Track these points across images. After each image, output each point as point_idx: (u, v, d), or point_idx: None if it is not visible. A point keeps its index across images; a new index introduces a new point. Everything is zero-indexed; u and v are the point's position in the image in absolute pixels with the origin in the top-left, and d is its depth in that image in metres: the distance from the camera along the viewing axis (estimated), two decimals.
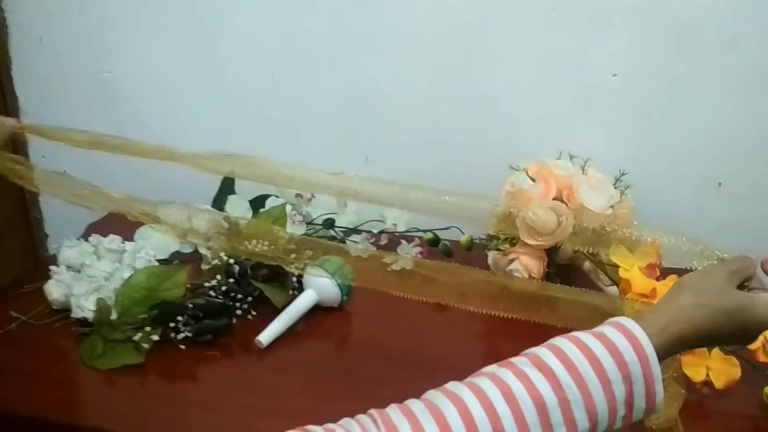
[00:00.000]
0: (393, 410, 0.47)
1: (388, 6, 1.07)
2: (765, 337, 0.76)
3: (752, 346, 0.76)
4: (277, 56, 1.14)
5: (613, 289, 0.92)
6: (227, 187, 1.15)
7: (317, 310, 0.93)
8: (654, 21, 0.99)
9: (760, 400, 0.77)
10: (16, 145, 1.29)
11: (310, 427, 0.45)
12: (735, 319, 0.51)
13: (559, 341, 0.48)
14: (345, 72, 1.12)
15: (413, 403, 0.47)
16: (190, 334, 0.85)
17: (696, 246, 0.63)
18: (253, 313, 0.92)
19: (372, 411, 0.48)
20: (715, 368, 0.77)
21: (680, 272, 0.81)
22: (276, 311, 0.90)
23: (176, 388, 0.81)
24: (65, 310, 0.89)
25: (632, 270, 0.84)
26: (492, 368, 0.48)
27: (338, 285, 0.93)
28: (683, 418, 0.73)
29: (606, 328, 0.49)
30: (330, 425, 0.46)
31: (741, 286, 0.55)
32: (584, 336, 0.48)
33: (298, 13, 1.10)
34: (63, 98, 1.24)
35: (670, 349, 0.50)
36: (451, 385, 0.48)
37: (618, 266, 0.86)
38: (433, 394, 0.48)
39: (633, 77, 1.02)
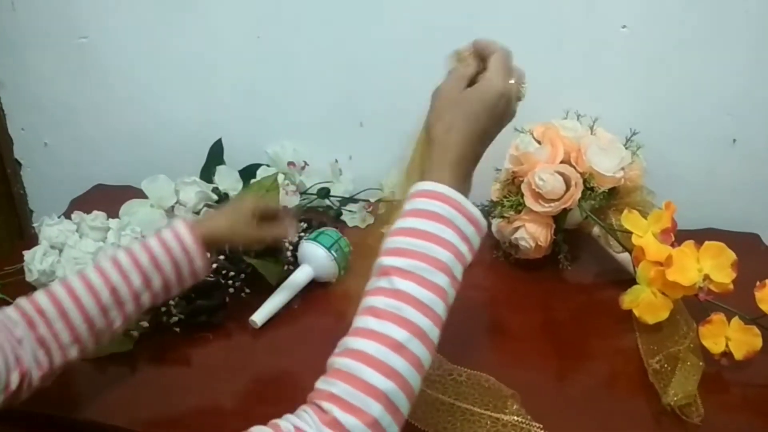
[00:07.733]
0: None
1: None
2: None
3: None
4: (263, 16, 1.07)
5: (625, 256, 0.88)
6: (216, 156, 1.10)
7: (314, 285, 0.90)
8: None
9: None
10: None
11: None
12: (480, 113, 0.57)
13: (383, 244, 0.55)
14: (337, 33, 1.05)
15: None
16: (182, 317, 0.81)
17: None
18: (247, 290, 0.88)
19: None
20: (735, 338, 0.74)
21: (696, 236, 0.78)
22: (270, 288, 0.87)
23: (168, 373, 0.77)
24: None
25: (646, 236, 0.80)
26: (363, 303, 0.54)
27: (335, 259, 0.88)
28: (701, 391, 0.70)
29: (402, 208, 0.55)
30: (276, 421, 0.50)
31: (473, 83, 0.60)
32: (386, 229, 0.55)
33: None
34: (38, 65, 1.18)
35: (459, 175, 0.55)
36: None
37: (630, 232, 0.82)
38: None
39: (644, 29, 0.95)
